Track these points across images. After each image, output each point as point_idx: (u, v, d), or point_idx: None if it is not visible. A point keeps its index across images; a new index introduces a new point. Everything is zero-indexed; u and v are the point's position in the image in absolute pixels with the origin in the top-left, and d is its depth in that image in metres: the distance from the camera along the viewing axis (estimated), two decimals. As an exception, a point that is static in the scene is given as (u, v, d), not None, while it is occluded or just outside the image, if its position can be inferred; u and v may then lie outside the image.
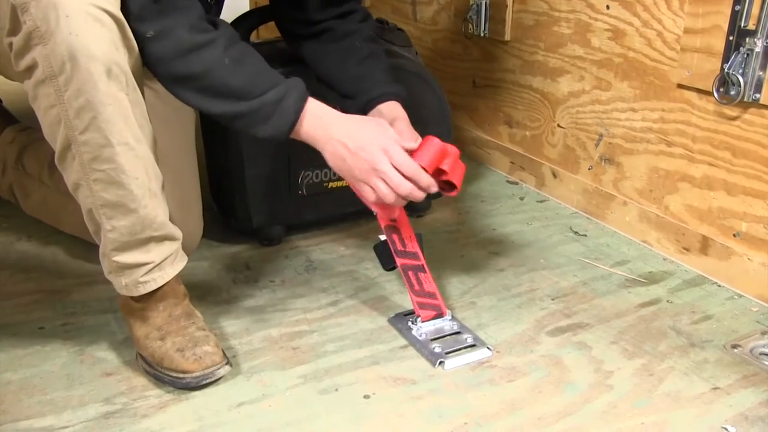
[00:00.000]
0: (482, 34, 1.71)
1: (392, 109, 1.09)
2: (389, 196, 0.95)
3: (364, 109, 1.11)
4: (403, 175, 0.95)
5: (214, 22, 0.94)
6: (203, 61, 0.90)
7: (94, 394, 0.93)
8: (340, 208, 1.39)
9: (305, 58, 1.20)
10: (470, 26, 1.72)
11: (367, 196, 0.98)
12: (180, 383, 0.93)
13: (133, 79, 0.88)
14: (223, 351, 0.97)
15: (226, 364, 0.95)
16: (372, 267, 1.27)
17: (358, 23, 1.16)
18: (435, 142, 0.99)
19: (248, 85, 0.92)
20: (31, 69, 0.83)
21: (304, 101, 0.94)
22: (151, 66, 0.91)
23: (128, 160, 0.87)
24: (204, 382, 0.93)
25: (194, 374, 0.93)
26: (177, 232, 0.96)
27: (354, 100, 1.12)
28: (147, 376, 0.96)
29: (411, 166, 0.95)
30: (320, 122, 0.95)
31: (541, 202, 1.60)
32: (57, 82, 0.82)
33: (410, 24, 2.01)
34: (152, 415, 0.90)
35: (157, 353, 0.95)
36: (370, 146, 0.94)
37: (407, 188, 0.95)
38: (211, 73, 0.91)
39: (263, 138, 0.94)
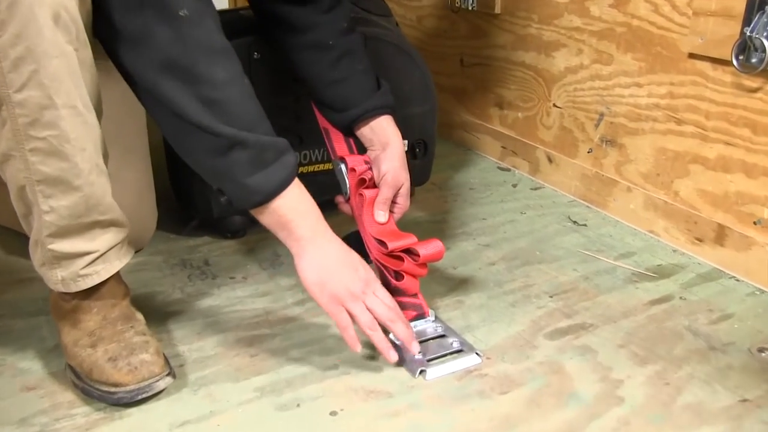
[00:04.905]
0: (470, 8, 1.66)
1: (382, 130, 1.02)
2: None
3: (350, 128, 1.04)
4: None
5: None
6: (226, 70, 0.81)
7: (9, 412, 0.82)
8: (314, 196, 1.28)
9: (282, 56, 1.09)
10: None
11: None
12: (111, 398, 0.83)
13: (85, 34, 0.76)
14: (165, 359, 0.86)
15: (168, 375, 0.85)
16: (346, 261, 1.17)
17: (322, 14, 1.02)
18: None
19: (261, 117, 0.85)
20: None
21: (296, 168, 0.88)
22: (171, 51, 0.78)
23: (75, 127, 0.76)
24: (139, 396, 0.83)
25: (128, 388, 0.82)
26: (124, 219, 0.87)
27: (338, 114, 1.04)
28: (75, 390, 0.86)
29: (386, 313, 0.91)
30: (300, 219, 0.89)
31: (536, 189, 1.55)
32: None
33: (393, 0, 1.93)
34: (76, 439, 0.79)
35: (86, 363, 0.84)
36: (344, 292, 0.88)
37: (375, 328, 0.90)
38: (231, 86, 0.82)
39: (243, 186, 0.83)
